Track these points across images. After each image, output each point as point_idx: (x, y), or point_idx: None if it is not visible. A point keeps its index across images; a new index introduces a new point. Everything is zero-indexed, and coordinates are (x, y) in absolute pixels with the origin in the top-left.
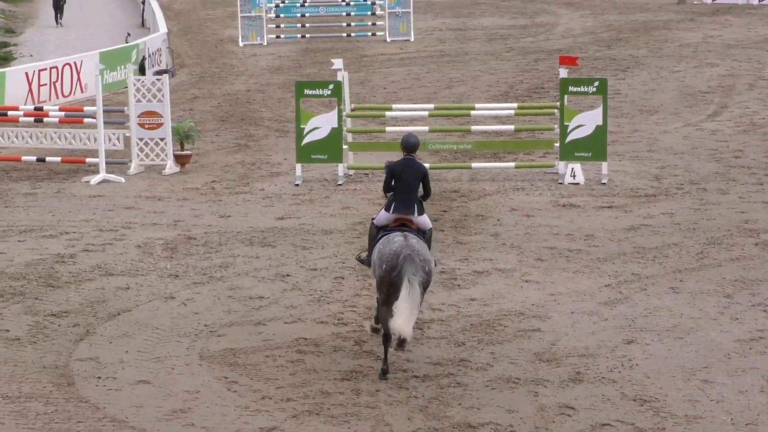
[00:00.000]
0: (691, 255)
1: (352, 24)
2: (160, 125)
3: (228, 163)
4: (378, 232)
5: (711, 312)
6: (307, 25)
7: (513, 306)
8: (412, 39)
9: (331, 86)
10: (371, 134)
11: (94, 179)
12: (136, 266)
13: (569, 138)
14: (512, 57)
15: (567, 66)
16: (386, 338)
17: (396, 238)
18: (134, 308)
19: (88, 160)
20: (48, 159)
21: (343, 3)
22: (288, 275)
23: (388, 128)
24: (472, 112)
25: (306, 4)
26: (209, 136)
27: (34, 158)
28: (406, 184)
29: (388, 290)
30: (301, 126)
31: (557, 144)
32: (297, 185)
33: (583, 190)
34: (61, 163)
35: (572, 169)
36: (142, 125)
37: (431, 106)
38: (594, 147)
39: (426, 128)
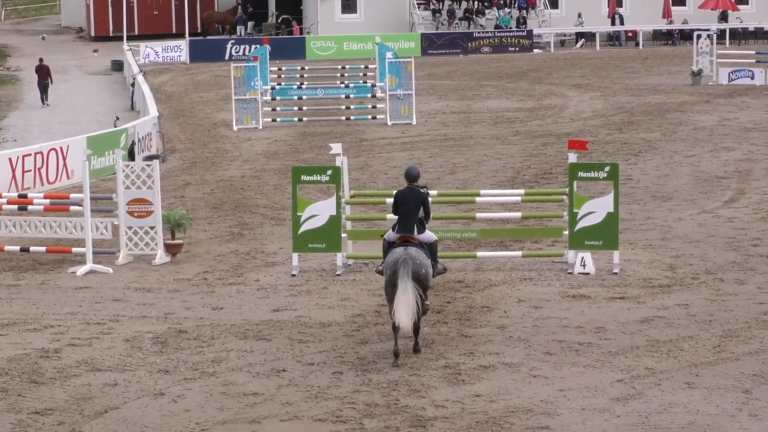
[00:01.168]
0: (707, 348)
1: (352, 107)
2: (150, 213)
3: (221, 252)
4: (389, 246)
5: (729, 408)
6: (304, 107)
7: (520, 402)
8: (414, 122)
9: (329, 172)
10: (371, 222)
11: (81, 270)
12: (124, 361)
13: (579, 226)
14: (519, 141)
15: (576, 150)
16: (395, 328)
17: (398, 250)
18: (122, 405)
19: (74, 249)
20: (32, 249)
21: (342, 85)
22: (284, 370)
23: (389, 216)
24: (477, 199)
25: (303, 86)
26: (201, 225)
27: (17, 248)
28: (407, 208)
29: (392, 290)
30: (298, 214)
31: (566, 232)
32: (293, 276)
33: (594, 281)
34: (45, 253)
35: (582, 258)
36: (131, 213)
37: (434, 192)
38: (605, 235)
39: None
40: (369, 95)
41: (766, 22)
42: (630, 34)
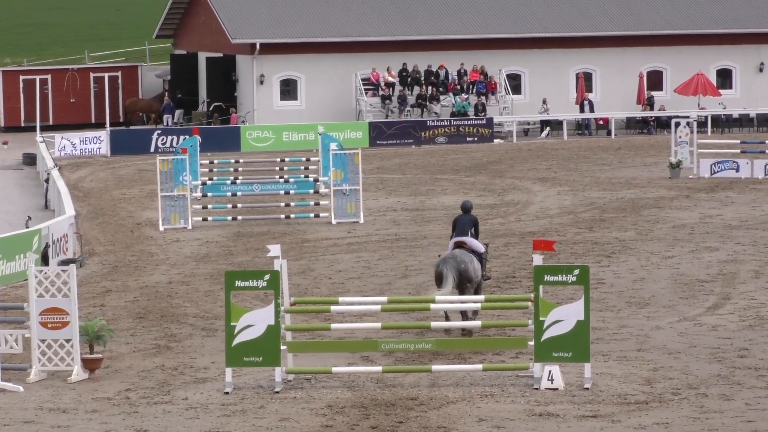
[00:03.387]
0: None
1: (292, 204)
2: (65, 324)
3: (146, 367)
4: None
5: None
6: (238, 205)
7: None
8: (362, 221)
9: (266, 277)
10: (314, 332)
11: None
12: None
13: (546, 335)
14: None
15: (542, 252)
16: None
17: (446, 253)
18: None
19: None
20: None
21: (281, 179)
22: None
23: (333, 325)
24: (433, 306)
25: (237, 182)
26: (124, 337)
27: None
28: (461, 227)
29: (437, 281)
30: (232, 323)
31: (532, 342)
32: (227, 393)
33: (563, 397)
34: None
35: (550, 371)
36: (44, 324)
37: (384, 299)
38: (575, 346)
39: (378, 325)
40: (311, 191)
41: (752, 108)
42: (601, 122)
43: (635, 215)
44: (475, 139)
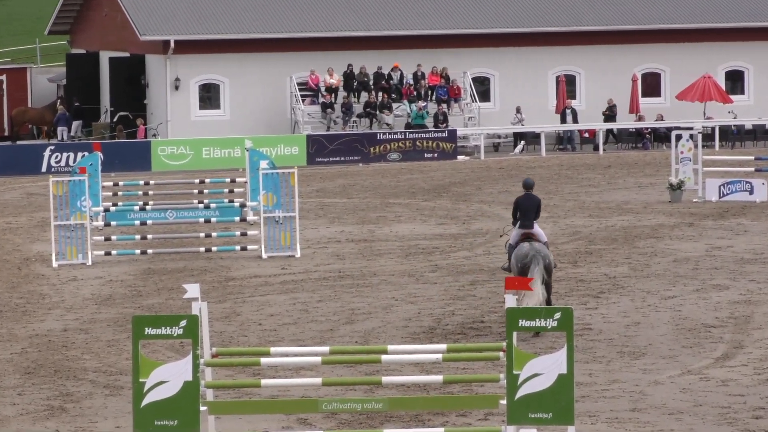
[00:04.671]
0: None
1: (214, 234)
2: None
3: None
4: (512, 247)
5: None
6: (149, 236)
7: None
8: (299, 255)
9: (183, 323)
10: (241, 390)
11: None
12: None
13: (521, 392)
14: (439, 279)
15: (516, 291)
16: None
17: (524, 245)
18: None
19: None
20: None
21: (201, 205)
22: None
23: (264, 381)
24: (384, 357)
25: (148, 208)
26: (9, 396)
27: None
28: (526, 209)
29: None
30: (141, 380)
31: (504, 401)
32: None
33: None
34: None
35: None
36: None
37: (326, 349)
38: (556, 405)
39: (319, 380)
40: (237, 219)
41: None
42: (586, 135)
43: (628, 247)
44: (435, 155)
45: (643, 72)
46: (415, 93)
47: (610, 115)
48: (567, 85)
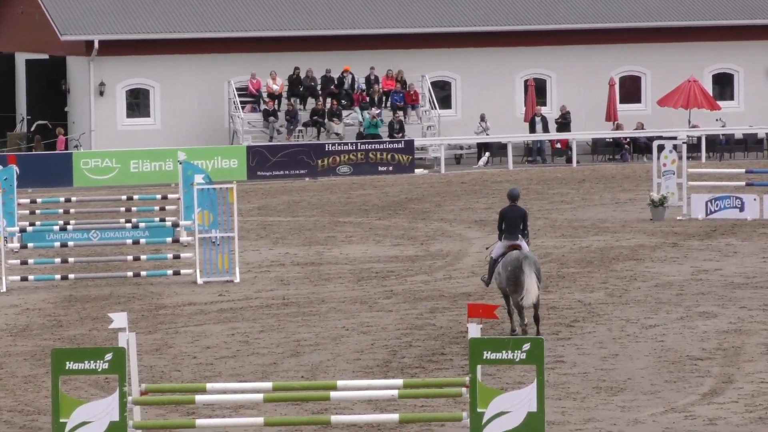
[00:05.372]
0: None
1: (143, 257)
2: None
3: None
4: (495, 261)
5: None
6: (70, 259)
7: None
8: (238, 279)
9: (108, 356)
10: (174, 430)
11: None
12: None
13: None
14: (395, 306)
15: (481, 320)
16: (519, 309)
17: (513, 253)
18: None
19: None
20: None
21: (128, 224)
22: None
23: (199, 421)
24: (333, 394)
25: (69, 228)
26: None
27: None
28: (511, 222)
29: (515, 283)
30: (62, 420)
31: None
32: None
33: None
34: None
35: None
36: None
37: (269, 385)
38: None
39: (261, 420)
40: (169, 239)
41: (761, 125)
42: (558, 146)
43: (605, 270)
44: (390, 168)
45: (622, 75)
46: (367, 99)
47: (563, 123)
48: (537, 91)
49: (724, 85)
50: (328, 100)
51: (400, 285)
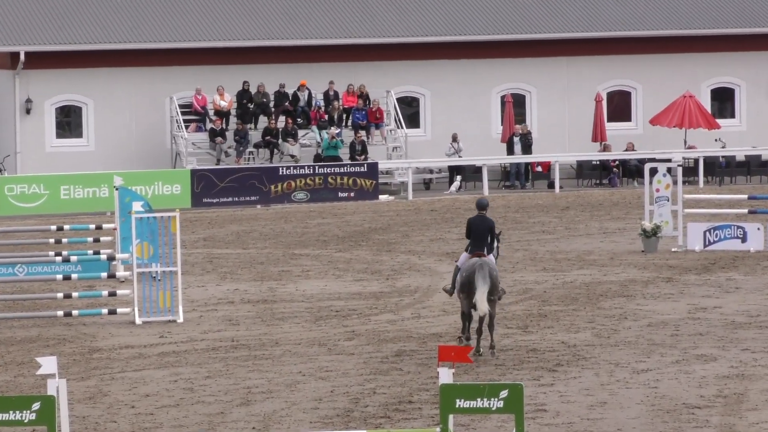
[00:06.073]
0: None
1: (75, 294)
2: None
3: None
4: (458, 269)
5: None
6: None
7: None
8: (181, 319)
9: (36, 405)
10: None
11: None
12: None
13: None
14: (357, 348)
15: (453, 363)
16: (478, 331)
17: (472, 260)
18: None
19: None
20: None
21: (58, 258)
22: None
23: None
24: None
25: None
26: None
27: None
28: (478, 233)
29: (469, 289)
30: None
31: None
32: None
33: None
34: None
35: None
36: None
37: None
38: None
39: None
40: (104, 274)
41: (766, 146)
42: (539, 169)
43: (592, 308)
44: (352, 194)
45: (610, 90)
46: (326, 117)
47: (525, 144)
48: (515, 107)
49: (723, 101)
50: (282, 118)
51: (362, 325)
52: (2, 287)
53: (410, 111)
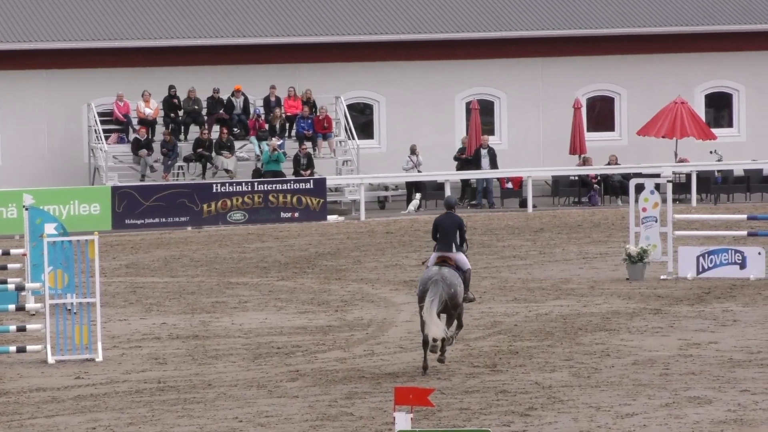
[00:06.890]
0: None
1: None
2: None
3: None
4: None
5: None
6: None
7: None
8: (101, 358)
9: None
10: None
11: None
12: None
13: None
14: (302, 391)
15: (411, 407)
16: (425, 342)
17: (432, 269)
18: None
19: None
20: None
21: None
22: None
23: None
24: None
25: None
26: None
27: None
28: (445, 231)
29: (421, 300)
30: None
31: None
32: None
33: None
34: None
35: None
36: None
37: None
38: None
39: None
40: (12, 307)
41: (766, 159)
42: (509, 185)
43: (569, 344)
44: (296, 215)
45: (590, 96)
46: (266, 127)
47: (466, 159)
48: (482, 115)
49: (720, 107)
50: (216, 128)
51: (308, 364)
52: None
53: (363, 119)
